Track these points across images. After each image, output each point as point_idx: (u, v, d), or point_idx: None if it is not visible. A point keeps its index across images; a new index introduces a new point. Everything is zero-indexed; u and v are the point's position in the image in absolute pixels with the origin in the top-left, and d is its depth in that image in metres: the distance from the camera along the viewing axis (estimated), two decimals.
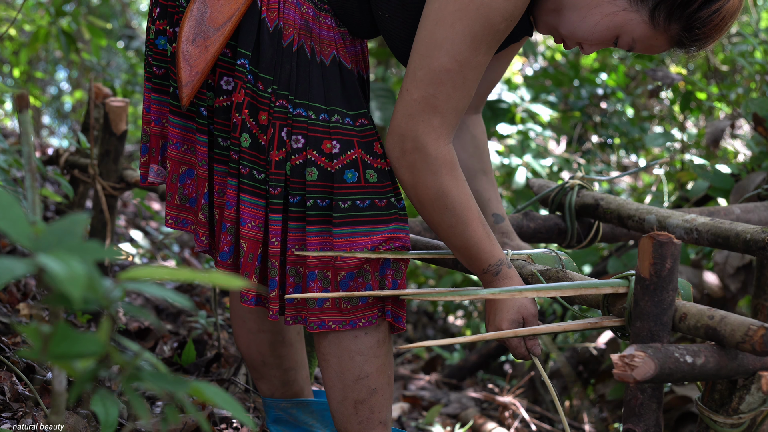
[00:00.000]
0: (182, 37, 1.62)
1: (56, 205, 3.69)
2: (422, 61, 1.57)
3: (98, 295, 0.81)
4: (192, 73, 1.62)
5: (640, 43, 1.64)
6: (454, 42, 1.55)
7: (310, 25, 1.65)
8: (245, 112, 1.64)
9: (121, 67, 7.02)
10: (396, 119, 1.60)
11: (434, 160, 1.59)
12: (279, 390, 2.03)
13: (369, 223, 1.66)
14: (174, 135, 1.73)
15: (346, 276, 1.65)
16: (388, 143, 1.62)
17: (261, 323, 1.97)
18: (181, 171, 1.75)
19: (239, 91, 1.63)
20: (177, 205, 1.77)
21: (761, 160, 3.06)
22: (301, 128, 1.64)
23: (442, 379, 3.75)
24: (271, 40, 1.63)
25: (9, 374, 2.00)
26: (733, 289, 2.93)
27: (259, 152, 1.65)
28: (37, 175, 0.91)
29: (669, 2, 1.58)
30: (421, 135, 1.58)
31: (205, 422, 0.93)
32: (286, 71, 1.64)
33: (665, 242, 1.32)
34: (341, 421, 1.76)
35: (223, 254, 1.69)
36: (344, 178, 1.64)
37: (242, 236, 1.66)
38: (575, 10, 1.62)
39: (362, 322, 1.68)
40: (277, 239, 1.66)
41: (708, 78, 4.35)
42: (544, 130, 4.08)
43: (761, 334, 1.24)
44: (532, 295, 1.56)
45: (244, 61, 1.63)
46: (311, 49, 1.65)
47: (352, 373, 1.72)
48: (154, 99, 1.76)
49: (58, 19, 4.61)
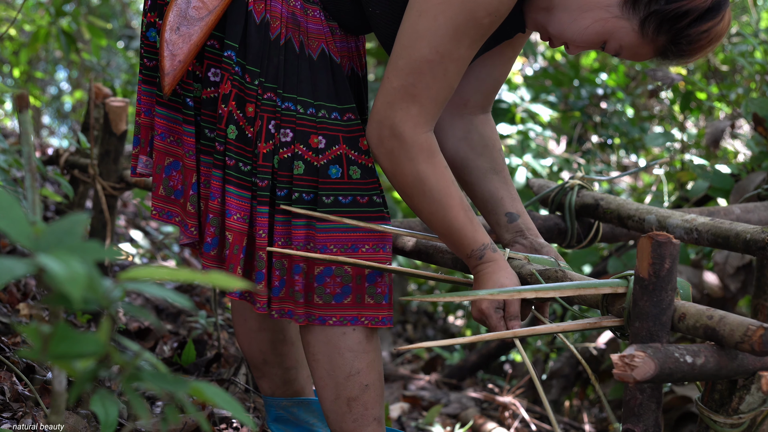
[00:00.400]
0: (166, 25, 1.64)
1: (56, 205, 3.69)
2: (404, 51, 1.58)
3: (98, 295, 0.81)
4: (174, 62, 1.64)
5: (626, 50, 1.65)
6: (436, 33, 1.56)
7: (298, 19, 1.66)
8: (232, 104, 1.65)
9: (121, 67, 7.02)
10: (376, 106, 1.62)
11: (411, 147, 1.60)
12: (280, 389, 2.03)
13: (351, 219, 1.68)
14: (160, 126, 1.75)
15: (323, 271, 1.67)
16: (368, 130, 1.63)
17: (262, 321, 1.98)
18: (166, 162, 1.76)
19: (225, 82, 1.65)
20: (162, 197, 1.78)
21: (761, 160, 3.06)
22: (290, 122, 1.66)
23: (442, 379, 3.75)
24: (258, 33, 1.64)
25: (9, 374, 2.01)
26: (733, 289, 2.93)
27: (245, 144, 1.66)
28: (37, 175, 0.91)
29: (660, 15, 1.58)
30: (399, 123, 1.59)
31: (205, 422, 0.93)
32: (273, 64, 1.65)
33: (664, 242, 1.32)
34: (336, 420, 1.77)
35: (207, 245, 1.70)
36: (328, 174, 1.66)
37: (228, 228, 1.68)
38: (566, 12, 1.63)
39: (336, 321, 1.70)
40: (264, 231, 1.67)
41: (708, 78, 4.35)
42: (544, 130, 4.08)
43: (760, 334, 1.24)
44: (531, 296, 1.56)
45: (231, 53, 1.64)
46: (299, 43, 1.66)
47: (343, 370, 1.73)
48: (144, 90, 1.78)
49: (58, 19, 4.61)
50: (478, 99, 1.90)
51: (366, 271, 1.70)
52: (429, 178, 1.62)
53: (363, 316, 1.71)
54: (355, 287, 1.70)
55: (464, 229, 1.65)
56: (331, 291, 1.69)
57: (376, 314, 1.71)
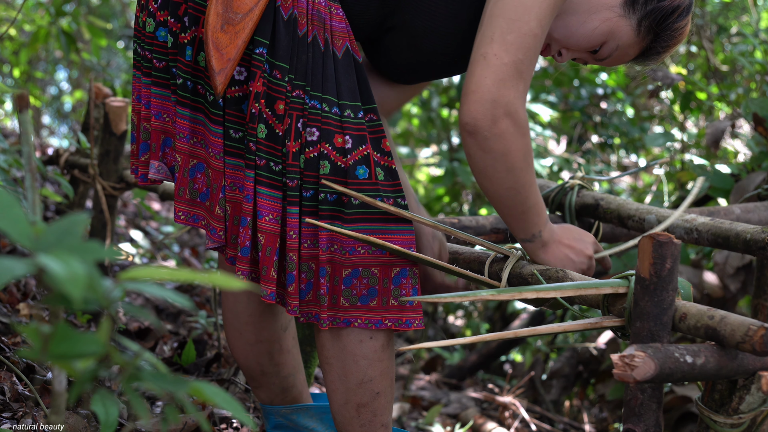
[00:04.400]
0: (209, 25, 1.59)
1: (56, 205, 3.69)
2: (512, 25, 1.55)
3: (98, 295, 0.81)
4: (224, 59, 1.59)
5: (620, 50, 1.70)
6: (541, 6, 1.56)
7: (323, 16, 1.64)
8: (261, 102, 1.61)
9: (121, 67, 7.02)
10: (485, 85, 1.55)
11: (524, 123, 1.58)
12: (278, 396, 2.01)
13: (378, 221, 1.64)
14: (183, 127, 1.68)
15: (350, 273, 1.64)
16: (475, 111, 1.56)
17: (258, 333, 1.95)
18: (191, 164, 1.70)
19: (258, 80, 1.60)
20: (188, 200, 1.71)
21: (761, 160, 3.06)
22: (316, 120, 1.62)
23: (442, 379, 3.75)
24: (287, 29, 1.61)
25: (9, 374, 2.00)
26: (733, 289, 2.93)
27: (275, 143, 1.62)
28: (37, 175, 0.91)
29: (655, 13, 1.67)
30: (513, 100, 1.55)
31: (205, 422, 0.93)
32: (302, 61, 1.62)
33: (665, 242, 1.32)
34: (343, 423, 1.75)
35: (245, 249, 1.64)
36: (356, 174, 1.62)
37: (260, 229, 1.62)
38: (575, 15, 1.67)
39: (362, 323, 1.67)
40: (294, 233, 1.63)
41: (708, 78, 4.35)
42: (544, 130, 4.08)
43: (761, 334, 1.24)
44: (532, 296, 1.56)
45: (263, 50, 1.60)
46: (324, 41, 1.63)
47: (356, 377, 1.70)
48: (155, 93, 1.71)
49: (58, 19, 4.61)
50: None
51: (393, 274, 1.66)
52: (530, 152, 1.61)
53: (387, 319, 1.67)
54: (381, 290, 1.66)
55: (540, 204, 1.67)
56: (357, 293, 1.65)
57: (400, 316, 1.67)
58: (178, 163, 1.70)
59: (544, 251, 1.70)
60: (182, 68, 1.66)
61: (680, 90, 3.81)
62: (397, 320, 1.67)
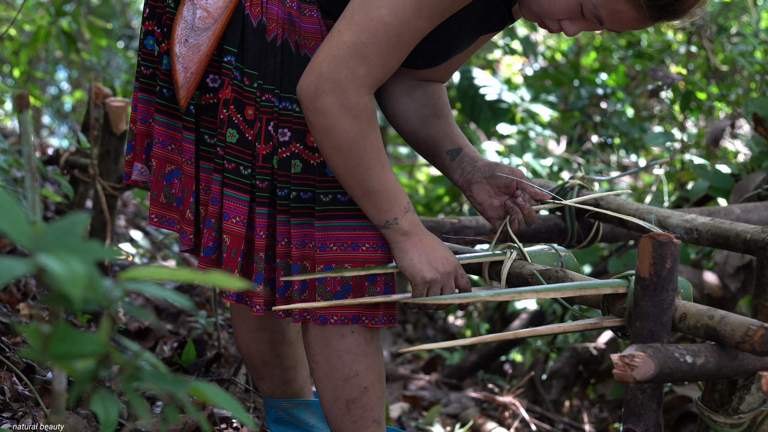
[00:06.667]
0: (174, 39, 1.64)
1: (56, 205, 3.69)
2: (363, 7, 1.54)
3: (98, 295, 0.81)
4: (187, 74, 1.64)
5: (603, 8, 1.56)
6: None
7: (294, 19, 1.66)
8: (231, 108, 1.65)
9: (121, 67, 7.02)
10: (318, 58, 1.55)
11: (354, 105, 1.55)
12: (279, 389, 2.03)
13: (349, 218, 1.67)
14: (160, 133, 1.75)
15: (323, 269, 1.67)
16: (303, 81, 1.56)
17: (261, 322, 1.98)
18: (167, 170, 1.76)
19: (226, 87, 1.64)
20: (163, 204, 1.78)
21: (761, 160, 3.06)
22: (287, 121, 1.66)
23: (442, 379, 3.75)
24: (255, 36, 1.64)
25: (9, 374, 2.00)
26: (733, 289, 2.93)
27: (245, 147, 1.66)
28: (37, 175, 0.91)
29: None
30: (344, 80, 1.54)
31: (205, 422, 0.93)
32: (271, 66, 1.65)
33: (665, 242, 1.32)
34: (335, 421, 1.77)
35: (207, 250, 1.69)
36: (325, 171, 1.66)
37: (225, 231, 1.67)
38: None
39: (338, 320, 1.70)
40: (264, 232, 1.67)
41: (708, 78, 4.35)
42: (544, 130, 4.08)
43: (761, 334, 1.24)
44: (532, 297, 1.56)
45: (231, 58, 1.64)
46: (295, 43, 1.66)
47: (342, 372, 1.73)
48: (141, 98, 1.77)
49: (58, 19, 4.61)
50: (437, 72, 1.87)
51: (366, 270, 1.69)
52: (370, 136, 1.58)
53: (363, 315, 1.71)
54: (355, 286, 1.70)
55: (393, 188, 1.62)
56: (331, 289, 1.69)
57: (376, 313, 1.71)
58: (153, 167, 1.76)
59: (406, 241, 1.65)
60: (160, 77, 1.72)
61: (680, 90, 3.81)
62: (373, 317, 1.71)
